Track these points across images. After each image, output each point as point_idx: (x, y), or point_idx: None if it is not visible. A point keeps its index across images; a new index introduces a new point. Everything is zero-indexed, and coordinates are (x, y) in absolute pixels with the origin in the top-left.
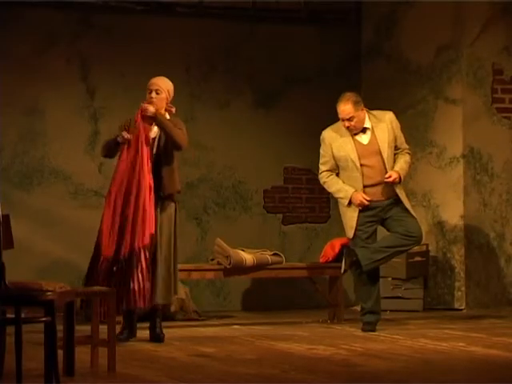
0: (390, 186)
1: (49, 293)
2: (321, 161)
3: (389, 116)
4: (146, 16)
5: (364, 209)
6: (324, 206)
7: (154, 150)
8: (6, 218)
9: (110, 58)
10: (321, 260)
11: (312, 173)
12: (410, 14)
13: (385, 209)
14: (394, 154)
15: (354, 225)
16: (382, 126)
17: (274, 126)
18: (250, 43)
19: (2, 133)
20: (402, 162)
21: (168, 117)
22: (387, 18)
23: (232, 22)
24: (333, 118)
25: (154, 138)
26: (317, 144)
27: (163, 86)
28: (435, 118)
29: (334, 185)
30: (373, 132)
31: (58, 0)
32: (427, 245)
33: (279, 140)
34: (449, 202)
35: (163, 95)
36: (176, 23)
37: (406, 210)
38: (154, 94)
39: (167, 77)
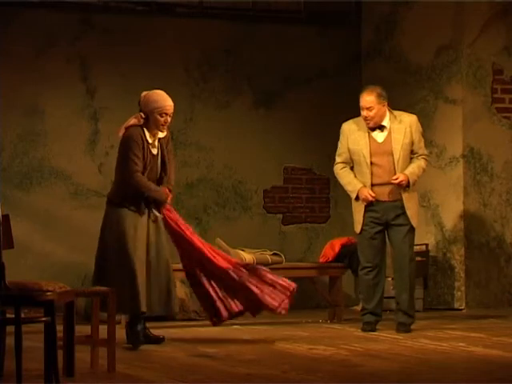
0: (397, 189)
1: (49, 293)
2: (337, 152)
3: (410, 119)
4: (146, 16)
5: (369, 206)
6: (324, 206)
7: (159, 167)
8: (6, 218)
9: (110, 57)
10: (321, 260)
11: (312, 173)
12: (409, 15)
13: (390, 214)
14: (411, 158)
15: (361, 220)
16: (400, 128)
17: (274, 126)
18: (250, 43)
19: (2, 133)
20: (415, 167)
21: (163, 133)
22: (387, 18)
23: (232, 22)
24: (333, 117)
25: (156, 155)
26: (317, 144)
27: None
28: (435, 118)
29: (345, 177)
30: (390, 132)
31: (58, 0)
32: (427, 245)
33: (279, 140)
34: (449, 202)
35: None
36: (176, 23)
37: (408, 222)
38: (169, 119)
39: (167, 77)
